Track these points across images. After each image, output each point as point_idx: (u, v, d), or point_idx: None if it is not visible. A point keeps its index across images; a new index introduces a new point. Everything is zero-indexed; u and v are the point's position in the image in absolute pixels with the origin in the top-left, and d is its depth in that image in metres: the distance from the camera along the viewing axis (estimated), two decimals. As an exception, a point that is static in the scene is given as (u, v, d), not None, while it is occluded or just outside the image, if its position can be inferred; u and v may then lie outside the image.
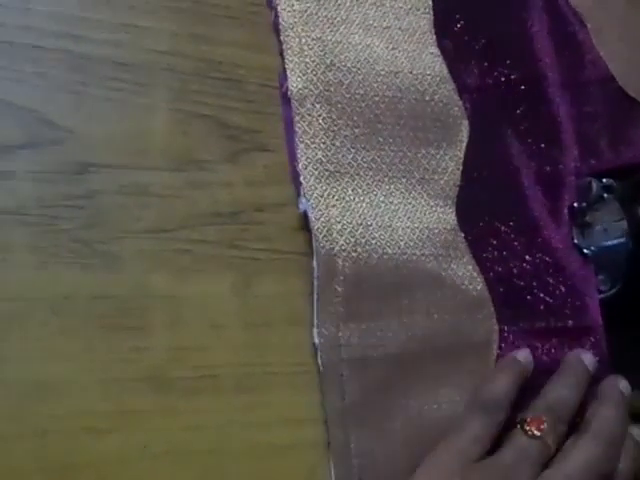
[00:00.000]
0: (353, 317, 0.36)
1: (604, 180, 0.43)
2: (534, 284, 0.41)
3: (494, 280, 0.40)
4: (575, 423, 0.37)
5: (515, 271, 0.41)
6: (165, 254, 0.35)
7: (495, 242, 0.41)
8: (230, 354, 0.35)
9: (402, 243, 0.38)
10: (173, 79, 0.37)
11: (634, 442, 0.38)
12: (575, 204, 0.43)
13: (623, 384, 0.39)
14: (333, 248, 0.37)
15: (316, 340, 0.36)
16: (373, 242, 0.37)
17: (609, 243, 0.44)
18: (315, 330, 0.36)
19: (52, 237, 0.33)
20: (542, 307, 0.41)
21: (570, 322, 0.41)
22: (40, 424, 0.31)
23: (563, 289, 0.41)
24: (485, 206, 0.41)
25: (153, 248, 0.35)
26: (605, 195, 0.43)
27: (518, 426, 0.35)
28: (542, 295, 0.41)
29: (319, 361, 0.36)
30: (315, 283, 0.36)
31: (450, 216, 0.40)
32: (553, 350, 0.41)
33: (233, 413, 0.34)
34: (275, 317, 0.36)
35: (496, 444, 0.36)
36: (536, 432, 0.35)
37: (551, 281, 0.41)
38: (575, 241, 0.43)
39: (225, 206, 0.37)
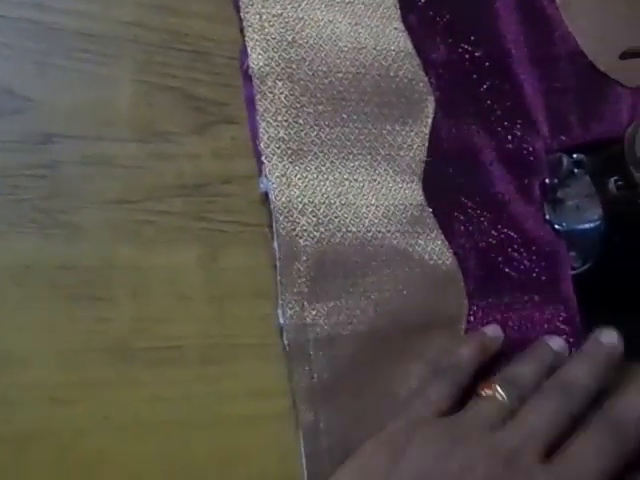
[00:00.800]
0: (318, 297, 0.36)
1: (574, 155, 0.43)
2: (501, 259, 0.41)
3: (463, 255, 0.40)
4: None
5: (482, 246, 0.40)
6: (129, 225, 0.35)
7: (462, 217, 0.40)
8: (195, 326, 0.35)
9: (367, 221, 0.38)
10: (139, 50, 0.37)
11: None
12: (546, 180, 0.43)
13: (606, 336, 0.38)
14: (294, 228, 0.36)
15: (281, 320, 0.35)
16: (336, 221, 0.37)
17: (582, 226, 0.44)
18: (279, 311, 0.35)
19: (13, 207, 0.33)
20: (510, 282, 0.41)
21: (536, 297, 0.41)
22: (1, 394, 0.31)
23: (530, 264, 0.41)
24: (451, 182, 0.40)
25: (117, 219, 0.35)
26: (576, 170, 0.43)
27: (474, 396, 0.35)
28: (509, 270, 0.41)
29: (285, 341, 0.35)
30: (277, 264, 0.36)
31: (417, 192, 0.39)
32: (523, 326, 0.40)
33: (198, 385, 0.34)
34: (241, 289, 0.36)
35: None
36: (488, 391, 0.35)
37: (517, 256, 0.41)
38: (547, 217, 0.43)
39: (191, 178, 0.36)
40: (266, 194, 0.37)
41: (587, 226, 0.44)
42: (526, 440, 0.32)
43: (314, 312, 0.36)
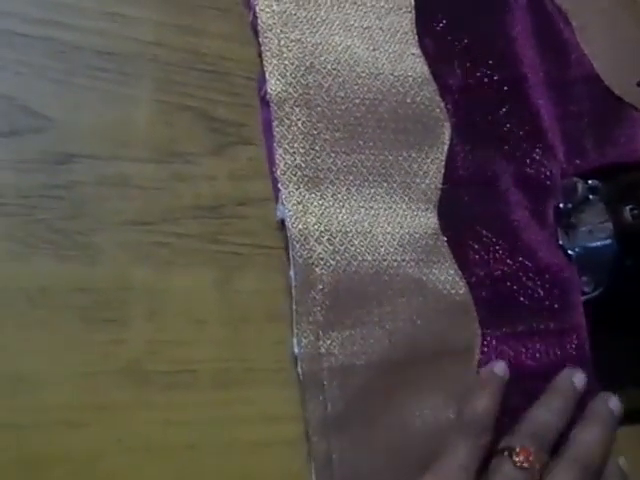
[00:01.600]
0: (333, 326, 0.36)
1: (589, 181, 0.43)
2: (515, 288, 0.41)
3: (476, 284, 0.40)
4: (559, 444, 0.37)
5: (497, 275, 0.40)
6: (146, 247, 0.35)
7: (477, 246, 0.40)
8: (209, 349, 0.35)
9: (382, 249, 0.38)
10: (158, 70, 0.37)
11: (620, 470, 0.38)
12: (560, 205, 0.43)
13: (613, 402, 0.39)
14: (311, 256, 0.36)
15: (296, 350, 0.35)
16: (352, 249, 0.37)
17: (594, 244, 0.44)
18: (294, 340, 0.35)
19: (31, 227, 0.33)
20: (524, 311, 0.40)
21: (552, 324, 0.41)
22: (16, 417, 0.31)
23: (544, 292, 0.41)
24: (466, 210, 0.40)
25: (134, 240, 0.35)
26: (590, 196, 0.43)
27: (506, 454, 0.36)
28: (524, 299, 0.41)
29: (299, 370, 0.35)
30: (293, 292, 0.36)
31: (431, 220, 0.39)
32: (537, 354, 0.40)
33: (211, 409, 0.34)
34: (255, 313, 0.36)
35: (483, 466, 0.36)
36: (525, 464, 0.35)
37: (532, 285, 0.41)
38: (560, 242, 0.43)
39: (208, 200, 0.36)
40: (282, 221, 0.37)
41: (599, 248, 0.44)
42: None
43: (329, 341, 0.35)
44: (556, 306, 0.41)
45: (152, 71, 0.37)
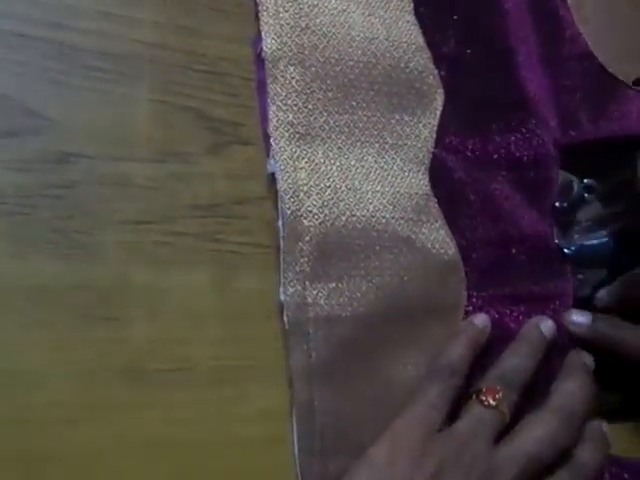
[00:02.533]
0: (320, 277, 0.36)
1: (585, 180, 0.44)
2: (501, 253, 0.41)
3: (465, 247, 0.40)
4: (537, 396, 0.38)
5: (485, 239, 0.41)
6: (145, 246, 0.35)
7: (466, 210, 0.41)
8: (208, 347, 0.35)
9: (372, 206, 0.38)
10: (156, 70, 0.37)
11: (602, 435, 0.38)
12: (556, 204, 0.43)
13: (587, 358, 0.40)
14: (299, 209, 0.36)
15: (282, 297, 0.36)
16: (341, 204, 0.37)
17: (590, 243, 0.44)
18: (281, 288, 0.36)
19: (30, 227, 0.33)
20: (510, 275, 0.41)
21: (535, 290, 0.41)
22: (15, 414, 0.31)
23: (527, 259, 0.41)
24: (456, 174, 0.41)
25: (133, 240, 0.35)
26: (586, 195, 0.43)
27: (474, 396, 0.36)
28: (509, 264, 0.41)
29: (285, 319, 0.35)
30: (281, 243, 0.36)
31: (423, 181, 0.40)
32: (520, 317, 0.41)
33: (210, 406, 0.34)
34: (254, 311, 0.36)
35: (455, 412, 0.36)
36: (491, 402, 0.35)
37: (515, 251, 0.41)
38: (556, 240, 0.43)
39: (206, 199, 0.37)
40: (273, 175, 0.37)
41: (595, 246, 0.44)
42: (522, 463, 0.34)
43: (315, 292, 0.36)
44: (539, 273, 0.41)
45: (150, 72, 0.37)
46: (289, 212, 0.36)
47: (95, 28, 0.36)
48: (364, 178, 0.38)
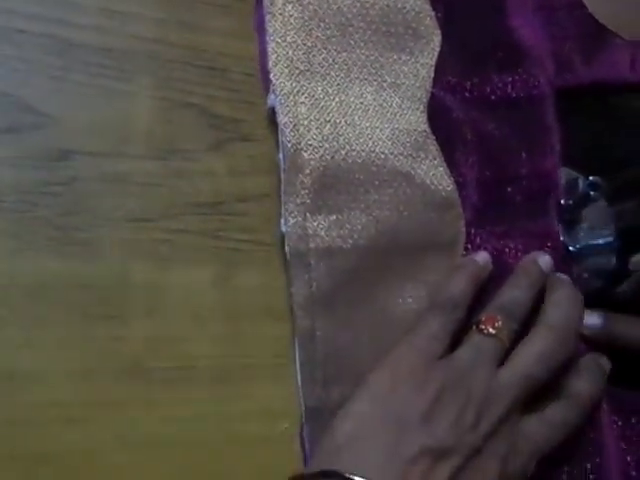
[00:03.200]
0: (320, 209, 0.37)
1: (591, 178, 0.43)
2: (499, 191, 0.41)
3: (463, 184, 0.40)
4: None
5: (482, 177, 0.41)
6: (145, 243, 0.35)
7: (463, 148, 0.41)
8: (209, 345, 0.35)
9: (371, 142, 0.38)
10: (157, 66, 0.37)
11: (598, 367, 0.39)
12: (562, 201, 0.43)
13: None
14: (300, 142, 0.37)
15: (283, 228, 0.36)
16: (341, 139, 0.38)
17: (596, 242, 0.43)
18: (282, 219, 0.36)
19: (30, 224, 0.33)
20: (507, 212, 0.41)
21: (533, 226, 0.41)
22: (15, 413, 0.31)
23: (523, 198, 0.42)
24: (454, 113, 0.41)
25: (133, 237, 0.35)
26: (592, 193, 0.43)
27: (474, 327, 0.36)
28: (506, 202, 0.41)
29: (286, 249, 0.36)
30: (282, 175, 0.36)
31: (421, 119, 0.40)
32: (519, 254, 0.41)
33: (211, 404, 0.34)
34: (255, 309, 0.36)
35: (456, 345, 0.36)
36: (490, 330, 0.35)
37: (511, 190, 0.41)
38: (561, 238, 0.43)
39: (207, 196, 0.36)
40: (273, 110, 0.37)
41: (601, 242, 0.44)
42: (522, 384, 0.35)
43: (316, 224, 0.36)
44: (535, 211, 0.42)
45: (151, 68, 0.37)
46: (289, 145, 0.37)
47: (95, 24, 0.36)
48: (363, 114, 0.39)
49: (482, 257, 0.39)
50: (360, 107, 0.39)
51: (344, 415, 0.33)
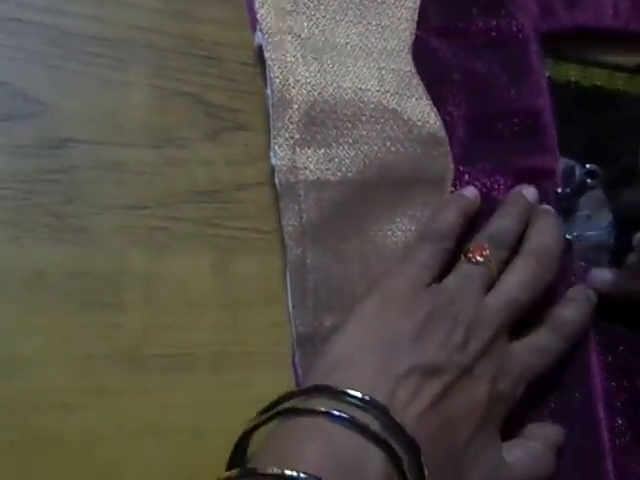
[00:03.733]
0: (309, 143, 0.37)
1: (587, 166, 0.43)
2: (489, 128, 0.42)
3: (451, 123, 0.41)
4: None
5: (470, 115, 0.41)
6: (142, 231, 0.35)
7: (450, 88, 0.41)
8: (207, 333, 0.35)
9: (357, 79, 0.39)
10: (153, 55, 0.37)
11: (586, 297, 0.40)
12: (558, 190, 0.43)
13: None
14: (287, 79, 0.37)
15: (273, 161, 0.36)
16: (328, 76, 0.38)
17: (592, 232, 0.43)
18: (271, 152, 0.37)
19: (27, 211, 0.33)
20: (497, 149, 0.41)
21: (523, 162, 0.42)
22: (13, 400, 0.31)
23: (515, 134, 0.42)
24: (439, 55, 0.42)
25: (130, 225, 0.35)
26: (588, 181, 0.43)
27: (462, 256, 0.37)
28: (497, 139, 0.42)
29: (276, 181, 0.36)
30: (270, 111, 0.37)
31: (406, 60, 0.40)
32: (508, 190, 0.41)
33: (209, 392, 0.34)
34: (253, 297, 0.36)
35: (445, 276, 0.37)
36: (478, 258, 0.36)
37: (502, 126, 0.42)
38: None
39: (204, 184, 0.36)
40: (260, 49, 0.38)
41: (598, 232, 0.44)
42: (508, 308, 0.36)
43: (305, 157, 0.37)
44: (526, 147, 0.42)
45: (147, 57, 0.37)
46: (277, 81, 0.37)
47: (91, 13, 0.36)
48: (350, 54, 0.39)
49: (470, 192, 0.40)
50: (346, 48, 0.39)
51: (336, 337, 0.33)
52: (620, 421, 0.40)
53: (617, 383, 0.40)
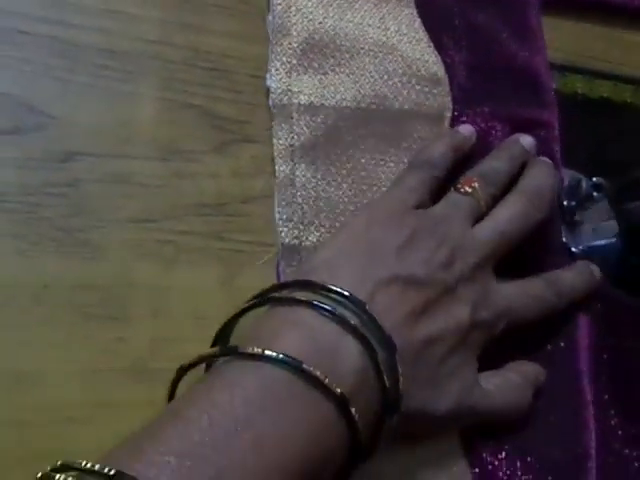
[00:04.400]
0: (306, 69, 0.39)
1: (594, 179, 0.43)
2: (487, 76, 0.43)
3: (451, 66, 0.42)
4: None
5: (470, 62, 0.42)
6: (149, 244, 0.35)
7: (452, 34, 0.43)
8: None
9: (359, 16, 0.41)
10: (161, 68, 0.37)
11: (590, 270, 0.40)
12: (564, 202, 0.43)
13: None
14: (290, 6, 0.39)
15: (268, 83, 0.38)
16: (330, 9, 0.40)
17: (598, 243, 0.43)
18: (267, 75, 0.38)
19: (34, 225, 0.33)
20: (496, 96, 0.42)
21: (522, 111, 0.42)
22: (19, 414, 0.31)
23: (514, 87, 0.43)
24: (443, 2, 0.43)
25: (137, 238, 0.35)
26: (595, 194, 0.43)
27: (452, 188, 0.37)
28: (496, 87, 0.42)
29: (270, 102, 0.37)
30: (270, 36, 0.38)
31: (409, 3, 0.42)
32: (508, 134, 0.42)
33: (215, 406, 0.34)
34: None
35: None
36: (467, 189, 0.36)
37: (503, 77, 0.43)
38: (564, 239, 0.43)
39: (211, 197, 0.36)
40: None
41: (604, 247, 0.44)
42: (496, 240, 0.36)
43: (300, 82, 0.38)
44: (525, 99, 0.43)
45: (155, 69, 0.37)
46: (279, 8, 0.39)
47: (99, 26, 0.36)
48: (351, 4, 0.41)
49: (466, 129, 0.40)
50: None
51: (320, 247, 0.34)
52: (604, 378, 0.39)
53: (602, 340, 0.40)
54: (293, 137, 0.37)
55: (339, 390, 0.27)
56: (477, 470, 0.35)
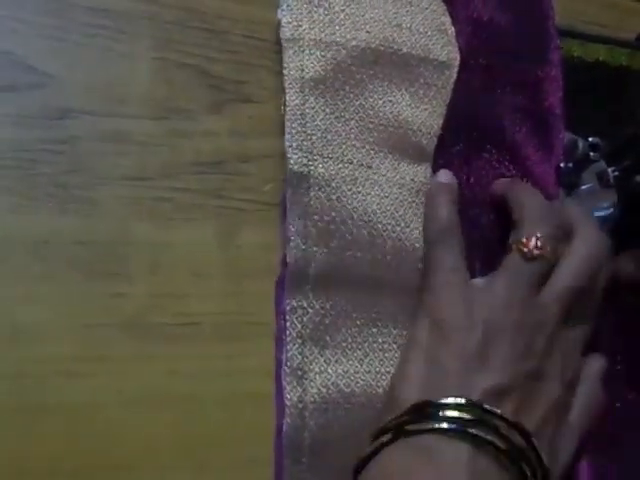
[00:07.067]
0: (317, 8, 0.39)
1: (590, 139, 0.43)
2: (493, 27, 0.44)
3: (457, 21, 0.42)
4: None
5: (478, 16, 0.43)
6: (146, 202, 0.35)
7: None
8: (211, 303, 0.34)
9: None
10: (156, 28, 0.37)
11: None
12: (561, 164, 0.43)
13: None
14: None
15: (279, 15, 0.38)
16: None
17: (597, 204, 0.43)
18: (279, 10, 0.38)
19: (30, 181, 0.33)
20: (502, 54, 0.43)
21: (530, 74, 0.43)
22: (15, 366, 0.31)
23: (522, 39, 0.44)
24: None
25: (134, 195, 0.35)
26: (591, 154, 0.43)
27: (514, 246, 0.35)
28: (502, 40, 0.43)
29: (280, 34, 0.37)
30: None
31: None
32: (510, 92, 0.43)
33: (212, 361, 0.34)
34: (258, 267, 0.36)
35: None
36: (537, 251, 0.35)
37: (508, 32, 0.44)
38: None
39: (208, 156, 0.36)
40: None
41: (602, 214, 0.44)
42: (566, 299, 0.35)
43: (311, 19, 0.38)
44: (533, 56, 0.44)
45: (150, 29, 0.37)
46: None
47: (94, -15, 0.36)
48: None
49: (445, 176, 0.39)
50: None
51: (401, 378, 0.33)
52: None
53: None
54: (303, 70, 0.37)
55: None
56: None
